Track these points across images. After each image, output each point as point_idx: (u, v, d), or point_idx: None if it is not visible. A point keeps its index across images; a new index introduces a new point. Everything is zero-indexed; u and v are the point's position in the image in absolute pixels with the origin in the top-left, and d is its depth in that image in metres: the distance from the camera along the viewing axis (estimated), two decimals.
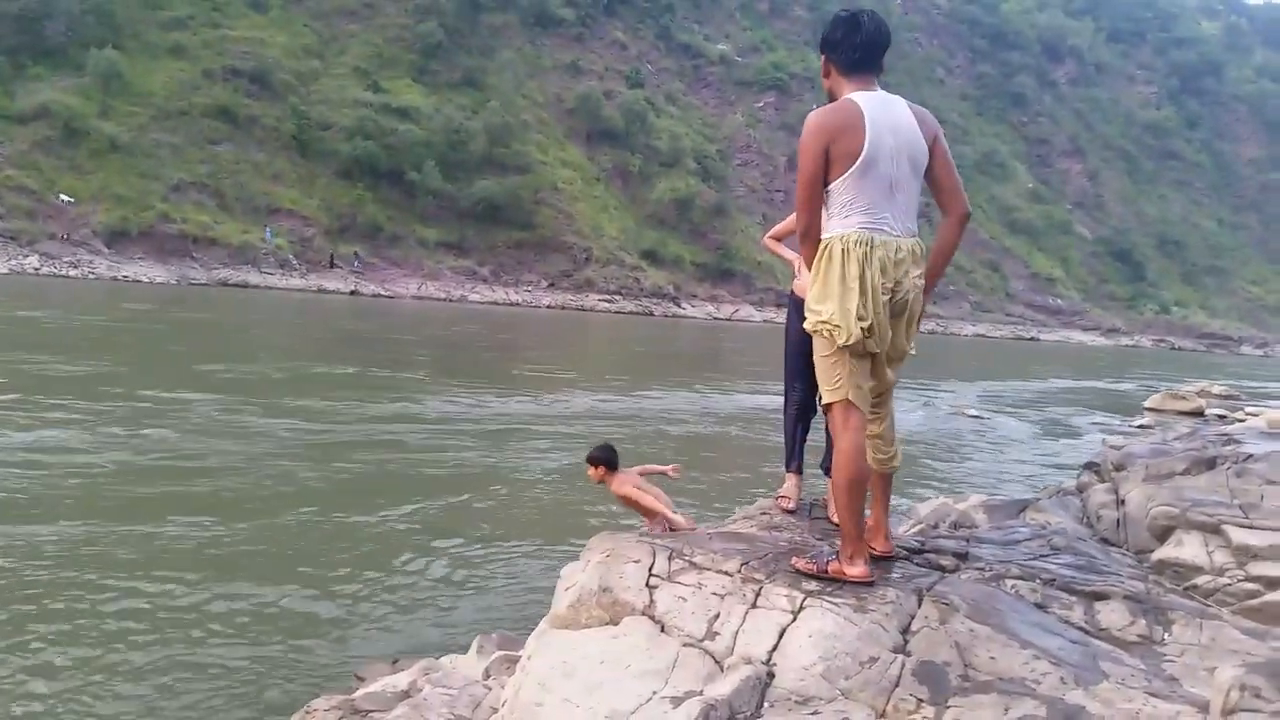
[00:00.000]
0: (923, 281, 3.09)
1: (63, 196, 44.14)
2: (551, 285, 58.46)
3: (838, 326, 3.02)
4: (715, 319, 61.28)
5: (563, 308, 54.81)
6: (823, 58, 3.22)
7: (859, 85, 3.10)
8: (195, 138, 51.86)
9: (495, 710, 3.17)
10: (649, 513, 4.56)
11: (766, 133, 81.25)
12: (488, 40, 69.82)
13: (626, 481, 4.70)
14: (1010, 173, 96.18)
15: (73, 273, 40.81)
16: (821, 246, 3.09)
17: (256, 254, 48.28)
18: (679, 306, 61.91)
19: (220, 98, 53.76)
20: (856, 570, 3.07)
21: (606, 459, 4.83)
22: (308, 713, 3.61)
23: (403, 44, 65.27)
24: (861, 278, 2.98)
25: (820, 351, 3.13)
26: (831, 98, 3.19)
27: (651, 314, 57.85)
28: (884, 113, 3.04)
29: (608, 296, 58.78)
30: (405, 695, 3.73)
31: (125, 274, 42.19)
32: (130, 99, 50.97)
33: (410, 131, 57.50)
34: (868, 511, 3.32)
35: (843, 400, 3.10)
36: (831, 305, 3.02)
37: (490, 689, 3.61)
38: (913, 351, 3.20)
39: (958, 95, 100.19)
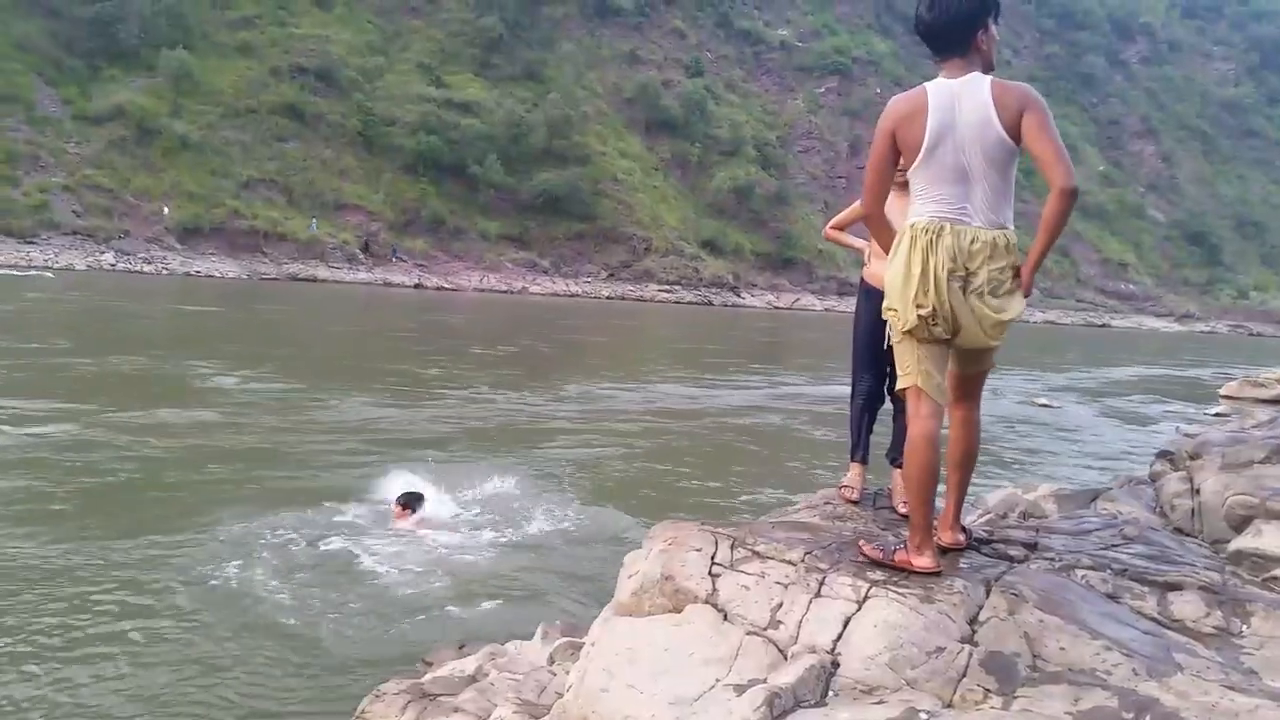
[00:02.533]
0: (1007, 275, 3.00)
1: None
2: (611, 276, 58.63)
3: (895, 311, 3.02)
4: (776, 308, 60.92)
5: (622, 298, 54.95)
6: None
7: (948, 70, 3.05)
8: (264, 135, 53.04)
9: (560, 695, 3.21)
10: None
11: (828, 119, 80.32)
12: (548, 32, 70.14)
13: None
14: (1080, 156, 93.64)
15: (147, 268, 42.07)
16: (898, 234, 3.09)
17: (324, 248, 49.28)
18: (738, 296, 61.63)
19: (287, 95, 54.89)
20: (923, 561, 3.04)
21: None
22: (378, 695, 3.69)
23: (464, 39, 65.89)
24: (925, 264, 2.96)
25: (892, 338, 3.14)
26: None
27: (711, 304, 57.71)
28: (953, 101, 2.98)
29: (667, 287, 58.77)
30: (472, 679, 3.80)
31: (198, 269, 43.37)
32: (200, 98, 52.30)
33: (472, 125, 58.09)
34: (940, 504, 3.29)
35: (913, 386, 3.09)
36: (895, 291, 3.03)
37: (555, 674, 3.66)
38: (996, 344, 3.10)
39: (1025, 77, 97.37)
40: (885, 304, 3.11)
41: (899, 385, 3.19)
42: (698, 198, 67.92)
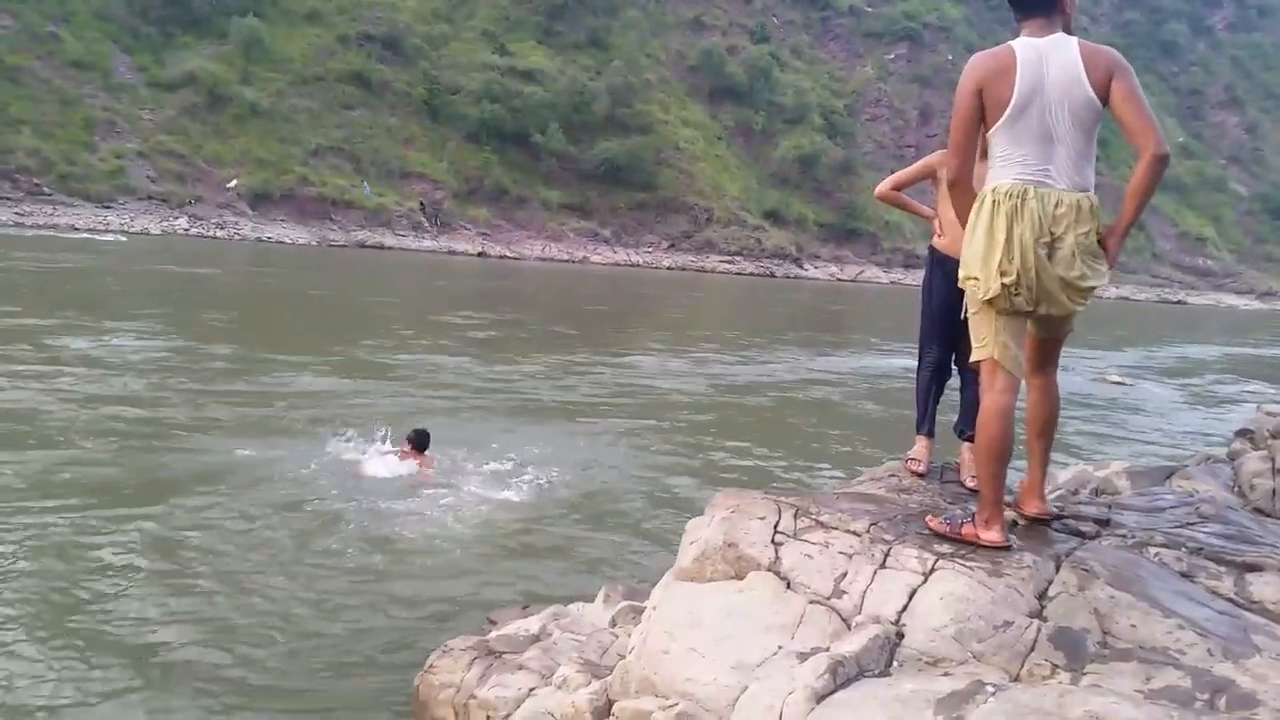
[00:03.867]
0: (1092, 239, 2.91)
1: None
2: (672, 246, 58.45)
3: (977, 279, 2.95)
4: (839, 280, 60.25)
5: (683, 269, 54.80)
6: None
7: (1030, 29, 2.97)
8: (331, 103, 53.70)
9: (623, 656, 3.25)
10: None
11: (897, 85, 78.70)
12: None
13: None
14: None
15: (219, 234, 43.00)
16: (977, 199, 3.01)
17: (391, 216, 49.89)
18: (800, 267, 61.05)
19: (354, 63, 55.43)
20: (991, 535, 2.99)
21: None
22: (445, 651, 3.78)
23: (529, 6, 65.73)
24: (1009, 231, 2.88)
25: (969, 308, 3.07)
26: None
27: (773, 275, 57.28)
28: (1041, 60, 2.90)
29: (728, 258, 58.42)
30: (536, 639, 3.86)
31: (269, 235, 44.21)
32: (270, 65, 53.09)
33: (535, 94, 58.09)
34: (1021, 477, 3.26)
35: (990, 359, 3.03)
36: (976, 259, 2.95)
37: (617, 636, 3.70)
38: (1081, 308, 3.03)
39: (1102, 45, 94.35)
40: (963, 273, 3.02)
41: (974, 357, 3.11)
42: (761, 167, 67.22)
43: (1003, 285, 2.89)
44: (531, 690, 3.42)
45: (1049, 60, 2.90)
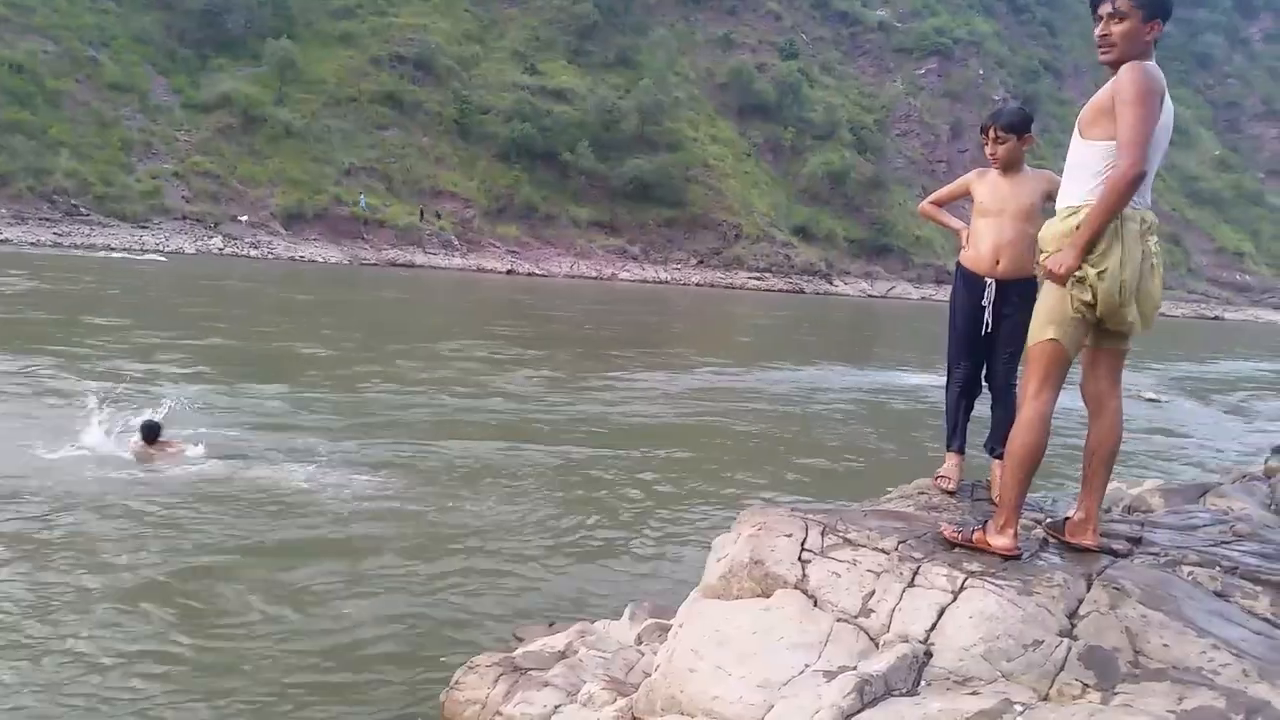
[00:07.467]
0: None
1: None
2: (700, 263, 58.38)
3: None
4: (870, 296, 59.97)
5: (711, 285, 54.74)
6: (1154, 22, 3.17)
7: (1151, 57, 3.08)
8: (364, 123, 54.26)
9: (648, 674, 3.25)
10: None
11: (928, 100, 78.29)
12: (641, 18, 69.95)
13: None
14: (1194, 140, 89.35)
15: (253, 253, 43.52)
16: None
17: (421, 235, 50.29)
18: (830, 284, 60.77)
19: (387, 84, 56.01)
20: (1003, 541, 3.00)
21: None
22: (471, 667, 3.79)
23: (559, 26, 66.19)
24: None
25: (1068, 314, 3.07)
26: (1119, 60, 3.11)
27: (802, 291, 57.07)
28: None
29: (757, 274, 58.25)
30: (562, 655, 3.87)
31: (302, 254, 44.69)
32: (303, 86, 53.76)
33: (565, 113, 58.45)
34: (1062, 497, 3.26)
35: (1048, 340, 3.05)
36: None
37: (643, 654, 3.70)
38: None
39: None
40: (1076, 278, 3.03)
41: (1037, 338, 3.10)
42: (790, 183, 67.12)
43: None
44: (557, 707, 3.42)
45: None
